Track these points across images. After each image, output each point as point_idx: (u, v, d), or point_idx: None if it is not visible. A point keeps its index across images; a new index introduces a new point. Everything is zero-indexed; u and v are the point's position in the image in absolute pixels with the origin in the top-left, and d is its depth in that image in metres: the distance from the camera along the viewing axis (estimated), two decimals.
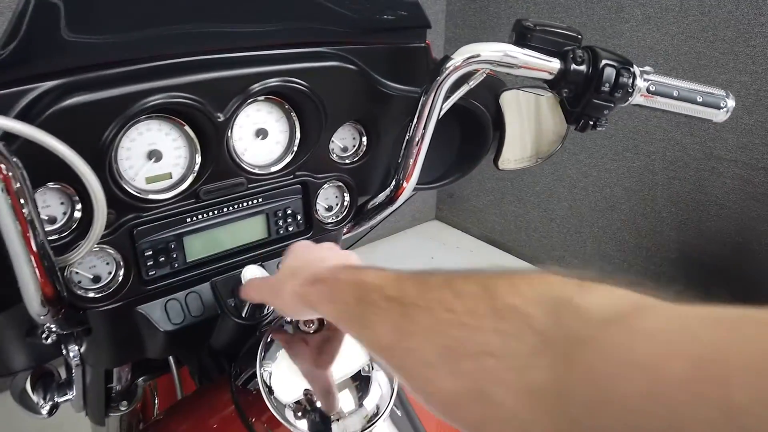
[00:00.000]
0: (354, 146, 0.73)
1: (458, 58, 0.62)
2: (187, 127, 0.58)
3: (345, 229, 0.77)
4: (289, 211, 0.69)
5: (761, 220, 1.87)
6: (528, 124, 0.81)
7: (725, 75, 1.78)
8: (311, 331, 0.55)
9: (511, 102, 0.78)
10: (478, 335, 0.31)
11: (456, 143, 0.83)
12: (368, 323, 0.40)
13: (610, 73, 0.61)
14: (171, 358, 0.79)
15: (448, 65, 0.62)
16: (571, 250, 2.47)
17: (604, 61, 0.61)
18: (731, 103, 0.67)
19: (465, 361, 0.32)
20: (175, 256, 0.61)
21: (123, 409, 0.80)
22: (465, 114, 0.78)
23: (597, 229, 2.35)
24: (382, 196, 0.74)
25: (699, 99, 0.65)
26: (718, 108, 0.66)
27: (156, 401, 0.88)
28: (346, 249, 1.01)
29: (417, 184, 0.80)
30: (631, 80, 0.62)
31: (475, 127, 0.80)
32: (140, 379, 0.81)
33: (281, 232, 0.69)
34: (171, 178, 0.60)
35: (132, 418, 0.85)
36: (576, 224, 2.42)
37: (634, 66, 0.63)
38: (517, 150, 0.81)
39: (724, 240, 1.98)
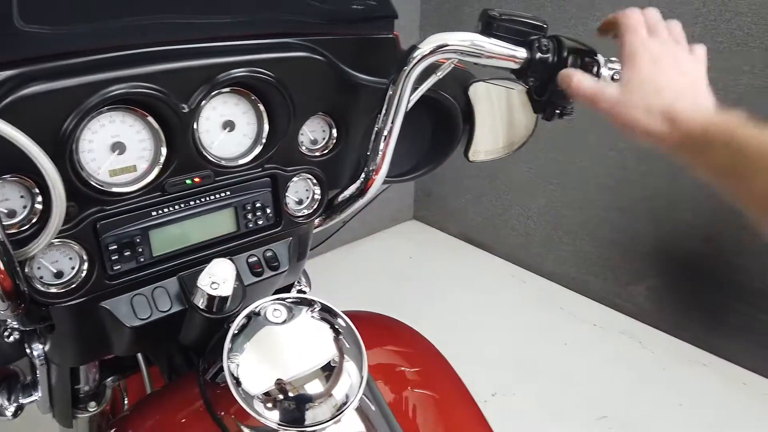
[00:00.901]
0: (324, 139, 0.73)
1: (425, 47, 0.62)
2: (150, 119, 0.57)
3: (316, 223, 0.77)
4: (258, 205, 0.68)
5: (731, 213, 1.90)
6: (497, 116, 0.81)
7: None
8: (279, 322, 0.55)
9: (481, 94, 0.79)
10: None
11: (427, 136, 0.83)
12: (740, 177, 0.46)
13: (574, 61, 0.62)
14: (140, 356, 0.78)
15: (415, 54, 0.62)
16: (548, 247, 2.49)
17: (568, 50, 0.62)
18: None
19: None
20: (140, 250, 0.60)
21: (91, 409, 0.78)
22: (435, 106, 0.78)
23: (573, 225, 2.37)
24: (352, 189, 0.74)
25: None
26: None
27: (126, 401, 0.87)
28: (318, 245, 1.01)
29: (388, 177, 0.80)
30: (595, 68, 0.63)
31: (445, 120, 0.80)
32: (109, 379, 0.80)
33: (250, 225, 0.68)
34: (135, 170, 0.59)
35: (101, 419, 0.83)
36: (552, 221, 2.45)
37: (599, 55, 0.64)
38: (487, 142, 0.81)
39: (695, 233, 2.02)
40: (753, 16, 1.70)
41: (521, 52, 0.62)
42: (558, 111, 0.65)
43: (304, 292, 0.91)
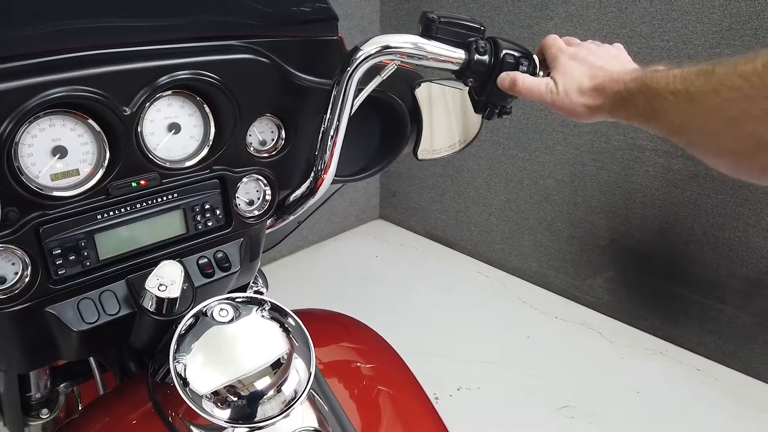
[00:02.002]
0: (272, 140, 0.73)
1: (367, 48, 0.63)
2: (92, 122, 0.57)
3: (268, 223, 0.78)
4: (207, 206, 0.68)
5: (682, 205, 1.98)
6: (445, 115, 0.83)
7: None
8: (226, 321, 0.55)
9: (427, 94, 0.81)
10: (763, 103, 0.42)
11: (376, 135, 0.85)
12: (657, 115, 0.52)
13: (510, 62, 0.64)
14: (92, 361, 0.77)
15: (357, 56, 0.63)
16: (509, 242, 2.54)
17: (504, 51, 0.64)
18: None
19: (749, 124, 0.44)
20: (86, 254, 0.60)
21: (44, 417, 0.77)
22: (383, 106, 0.80)
23: (533, 221, 2.42)
24: (302, 189, 0.75)
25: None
26: None
27: (80, 408, 0.86)
28: (274, 246, 1.02)
29: (340, 177, 0.81)
30: (531, 69, 0.65)
31: (393, 119, 0.82)
32: (61, 385, 0.79)
33: (200, 227, 0.68)
34: (78, 174, 0.59)
35: (54, 426, 0.82)
36: (513, 217, 2.49)
37: (534, 56, 0.67)
38: (434, 140, 0.83)
39: (649, 225, 2.09)
40: (697, 14, 1.77)
41: (460, 54, 0.64)
42: (497, 110, 0.68)
43: (262, 293, 0.91)
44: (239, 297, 0.59)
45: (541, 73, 0.66)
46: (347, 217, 2.93)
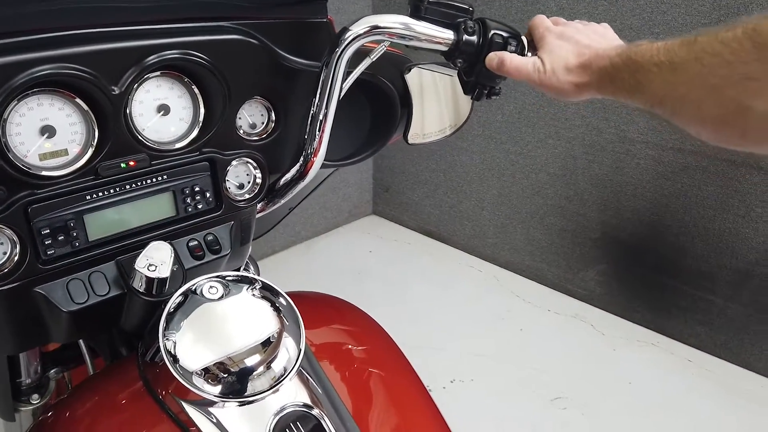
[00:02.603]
0: (262, 123, 0.73)
1: (356, 28, 0.64)
2: (80, 101, 0.57)
3: (259, 207, 0.78)
4: (197, 189, 0.68)
5: (673, 197, 1.99)
6: (434, 99, 0.84)
7: None
8: (216, 298, 0.56)
9: (417, 78, 0.81)
10: (742, 67, 0.43)
11: (366, 120, 0.85)
12: (642, 88, 0.53)
13: (498, 42, 0.64)
14: (83, 345, 0.77)
15: (346, 36, 0.64)
16: (502, 236, 2.55)
17: (492, 32, 0.64)
18: None
19: (730, 89, 0.45)
20: (75, 234, 0.60)
21: (34, 402, 0.77)
22: (373, 90, 0.80)
23: (525, 214, 2.43)
24: (292, 172, 0.75)
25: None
26: None
27: None
28: (266, 232, 1.02)
29: (331, 161, 0.81)
30: (519, 49, 0.66)
31: (383, 104, 0.82)
32: (52, 371, 0.79)
33: (189, 210, 0.69)
34: (67, 154, 0.59)
35: (45, 412, 0.82)
36: (506, 211, 2.50)
37: (523, 36, 0.67)
38: (424, 124, 0.84)
39: (640, 218, 2.10)
40: (686, 7, 1.78)
41: (448, 34, 0.65)
42: (486, 91, 0.68)
43: None
44: (229, 275, 0.59)
45: (530, 53, 0.66)
46: (340, 212, 2.93)
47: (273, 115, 0.73)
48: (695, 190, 1.93)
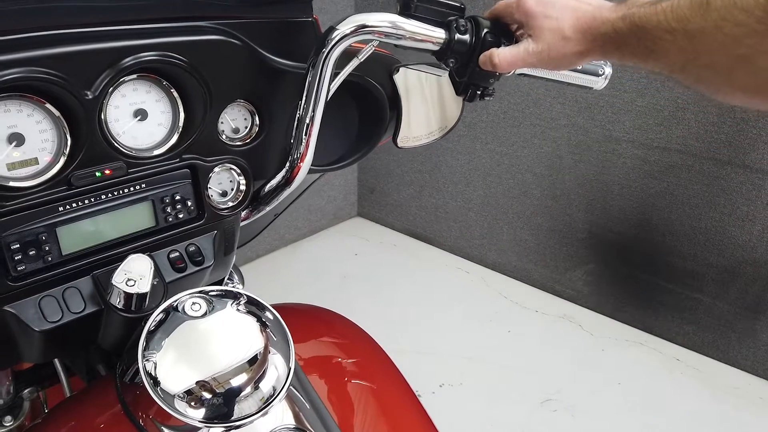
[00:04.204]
0: (246, 127, 0.70)
1: (344, 27, 0.61)
2: (50, 107, 0.54)
3: (243, 215, 0.74)
4: (177, 197, 0.65)
5: (659, 196, 1.99)
6: (424, 101, 0.81)
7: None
8: (199, 315, 0.52)
9: (406, 79, 0.78)
10: None
11: (354, 123, 0.82)
12: (656, 56, 0.50)
13: (491, 41, 0.62)
14: (58, 364, 0.73)
15: (333, 35, 0.61)
16: (489, 237, 2.53)
17: (485, 30, 0.62)
18: (608, 70, 0.69)
19: (762, 59, 0.42)
20: (47, 248, 0.57)
21: (7, 424, 0.73)
22: (361, 93, 0.77)
23: (512, 215, 2.42)
24: (278, 178, 0.72)
25: (579, 67, 0.68)
26: (597, 75, 0.69)
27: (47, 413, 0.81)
28: (250, 240, 0.98)
29: (318, 166, 0.78)
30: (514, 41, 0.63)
31: (371, 106, 0.79)
32: (26, 391, 0.75)
33: (170, 219, 0.65)
34: (38, 163, 0.55)
35: None
36: (492, 212, 2.49)
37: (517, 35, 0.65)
38: (414, 127, 0.81)
39: (627, 217, 2.09)
40: None
41: (440, 33, 0.62)
42: (479, 92, 0.66)
43: None
44: (213, 290, 0.56)
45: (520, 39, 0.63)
46: (325, 215, 2.89)
47: (257, 119, 0.70)
48: (681, 188, 1.93)
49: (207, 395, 0.50)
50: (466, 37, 0.62)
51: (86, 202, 0.58)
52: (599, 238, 2.20)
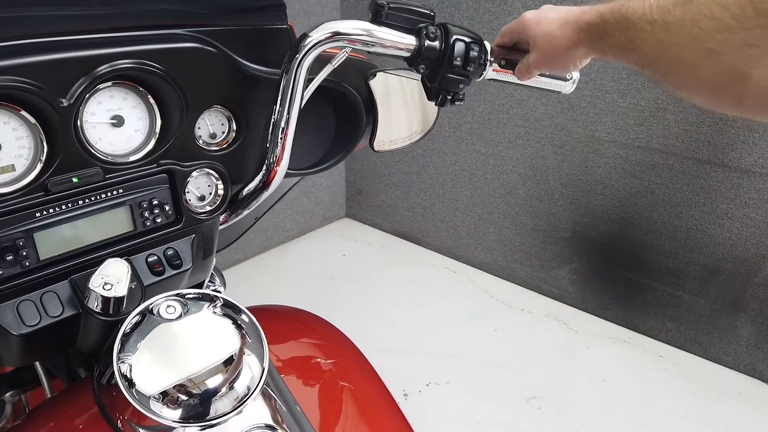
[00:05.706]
0: (223, 132, 0.71)
1: (317, 34, 0.62)
2: (26, 114, 0.55)
3: (222, 219, 0.76)
4: (155, 202, 0.66)
5: (641, 195, 2.02)
6: (400, 105, 0.83)
7: (600, 62, 1.91)
8: (174, 318, 0.53)
9: (382, 84, 0.80)
10: (742, 33, 0.42)
11: (331, 128, 0.84)
12: (633, 47, 0.51)
13: (460, 48, 0.64)
14: (39, 367, 0.74)
15: (306, 42, 0.62)
16: (475, 237, 2.55)
17: (454, 37, 0.63)
18: (576, 75, 0.71)
19: (728, 55, 0.43)
20: (25, 254, 0.58)
21: None
22: (337, 98, 0.79)
23: (497, 215, 2.44)
24: (255, 182, 0.73)
25: (547, 72, 0.69)
26: (565, 80, 0.71)
27: None
28: (231, 243, 0.99)
29: (296, 170, 0.79)
30: (482, 55, 0.65)
31: (348, 111, 0.80)
32: (7, 394, 0.76)
33: (148, 224, 0.66)
34: (14, 170, 0.56)
35: None
36: (478, 212, 2.51)
37: (485, 42, 0.66)
38: (390, 131, 0.82)
39: (610, 216, 2.12)
40: None
41: (410, 40, 0.64)
42: (450, 97, 0.67)
43: (219, 292, 0.89)
44: (189, 293, 0.57)
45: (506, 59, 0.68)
46: (313, 216, 2.90)
47: (234, 124, 0.71)
48: (662, 188, 1.96)
49: (182, 396, 0.51)
50: (436, 43, 0.64)
51: (63, 207, 0.59)
52: (583, 238, 2.22)
